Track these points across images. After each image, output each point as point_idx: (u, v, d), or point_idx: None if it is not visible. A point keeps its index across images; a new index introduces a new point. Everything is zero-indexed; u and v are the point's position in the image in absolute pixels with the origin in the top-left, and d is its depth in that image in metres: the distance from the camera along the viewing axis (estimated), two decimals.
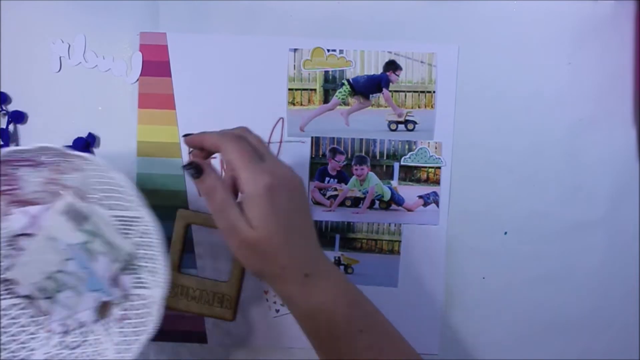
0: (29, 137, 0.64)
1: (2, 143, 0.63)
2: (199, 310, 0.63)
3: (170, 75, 0.63)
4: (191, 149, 0.57)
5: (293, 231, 0.49)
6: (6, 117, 0.63)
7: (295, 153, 0.63)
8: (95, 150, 0.64)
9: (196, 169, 0.49)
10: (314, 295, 0.49)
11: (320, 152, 0.64)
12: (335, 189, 0.64)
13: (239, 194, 0.49)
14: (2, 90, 0.63)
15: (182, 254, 0.63)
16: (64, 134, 0.63)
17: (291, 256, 0.49)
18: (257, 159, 0.48)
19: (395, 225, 0.64)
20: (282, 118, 0.63)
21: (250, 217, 0.47)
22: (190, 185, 0.64)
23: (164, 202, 0.63)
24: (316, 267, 0.50)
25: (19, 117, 0.63)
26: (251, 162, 0.48)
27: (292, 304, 0.50)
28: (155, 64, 0.63)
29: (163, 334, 0.64)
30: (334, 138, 0.63)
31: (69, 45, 0.63)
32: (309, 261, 0.50)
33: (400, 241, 0.64)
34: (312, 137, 0.64)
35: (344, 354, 0.49)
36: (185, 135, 0.52)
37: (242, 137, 0.50)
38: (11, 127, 0.64)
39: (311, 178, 0.64)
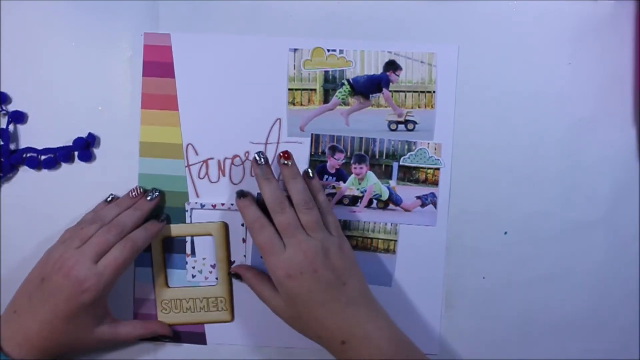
0: (29, 137, 0.64)
1: (2, 143, 0.63)
2: (196, 319, 0.64)
3: (173, 76, 0.63)
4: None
5: (322, 305, 0.54)
6: (6, 117, 0.63)
7: (294, 151, 0.63)
8: (95, 150, 0.64)
9: (236, 276, 0.62)
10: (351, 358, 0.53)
11: (320, 150, 0.64)
12: (334, 187, 0.64)
13: None
14: (2, 90, 0.63)
15: (165, 269, 0.64)
16: (64, 134, 0.63)
17: (321, 328, 0.54)
18: (278, 250, 0.55)
19: (391, 225, 0.64)
20: (280, 119, 0.63)
21: (284, 300, 0.55)
22: (192, 184, 0.64)
23: (165, 203, 0.63)
24: (354, 333, 0.53)
25: (19, 117, 0.63)
26: (272, 254, 0.55)
27: None
28: (159, 64, 0.63)
29: (162, 335, 0.64)
30: (333, 136, 0.64)
31: (69, 45, 0.63)
32: (342, 329, 0.53)
33: (396, 240, 0.64)
34: (312, 135, 0.64)
35: None
36: (239, 193, 0.61)
37: (266, 225, 0.57)
38: (11, 127, 0.64)
39: None
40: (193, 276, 0.64)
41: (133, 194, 0.62)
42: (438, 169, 0.63)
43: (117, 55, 0.64)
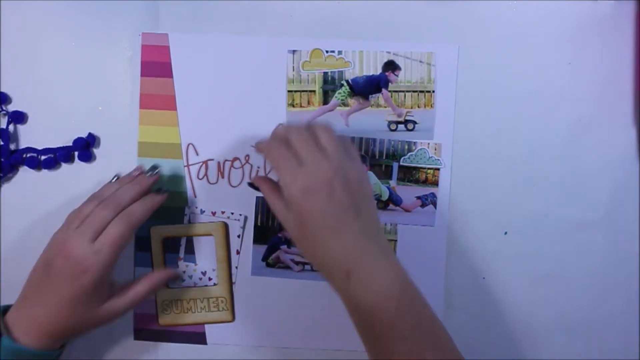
0: (29, 137, 0.64)
1: (2, 143, 0.63)
2: (197, 319, 0.64)
3: (171, 76, 0.63)
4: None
5: (331, 229, 0.50)
6: (6, 117, 0.63)
7: None
8: (95, 150, 0.64)
9: (252, 186, 0.62)
10: (356, 293, 0.50)
11: None
12: None
13: None
14: (2, 90, 0.64)
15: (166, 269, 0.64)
16: (64, 134, 0.63)
17: (327, 255, 0.50)
18: (295, 165, 0.51)
19: (391, 225, 0.64)
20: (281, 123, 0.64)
21: (294, 216, 0.51)
22: (197, 187, 0.64)
23: (165, 203, 0.63)
24: (360, 264, 0.50)
25: (19, 117, 0.63)
26: (287, 169, 0.51)
27: (340, 296, 0.52)
28: (157, 64, 0.63)
29: (163, 335, 0.64)
30: None
31: (69, 45, 0.63)
32: (351, 258, 0.50)
33: (395, 240, 0.64)
34: None
35: (384, 354, 0.50)
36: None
37: (284, 143, 0.53)
38: (11, 127, 0.64)
39: None
40: (182, 280, 0.64)
41: (135, 172, 0.61)
42: (438, 169, 0.63)
43: (117, 55, 0.64)
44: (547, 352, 0.64)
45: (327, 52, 0.63)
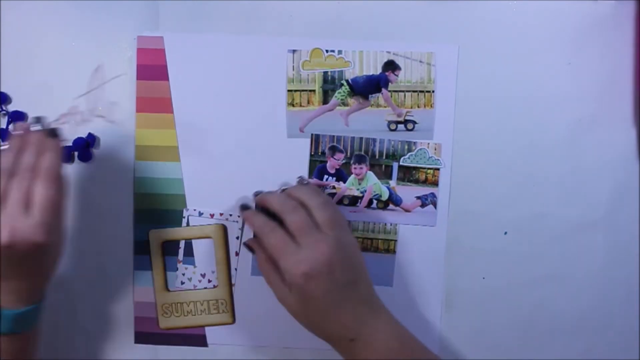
0: None
1: (2, 143, 0.63)
2: (197, 322, 0.64)
3: (167, 79, 0.63)
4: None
5: (331, 304, 0.53)
6: (6, 117, 0.63)
7: (295, 151, 0.63)
8: (95, 151, 0.64)
9: (248, 248, 0.60)
10: (360, 355, 0.53)
11: (320, 150, 0.64)
12: (334, 187, 0.64)
13: None
14: (2, 90, 0.63)
15: (165, 273, 0.64)
16: (63, 134, 0.63)
17: (333, 327, 0.53)
18: (293, 250, 0.53)
19: (391, 225, 0.64)
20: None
21: (294, 295, 0.53)
22: (190, 187, 0.64)
23: (162, 206, 0.64)
24: (362, 331, 0.53)
25: (18, 118, 0.63)
26: (287, 255, 0.53)
27: (342, 357, 0.54)
28: (152, 67, 0.63)
29: (163, 339, 0.64)
30: (333, 136, 0.63)
31: (69, 45, 0.63)
32: (352, 327, 0.53)
33: (395, 240, 0.64)
34: (311, 135, 0.64)
35: None
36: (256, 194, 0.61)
37: (276, 227, 0.55)
38: (11, 127, 0.64)
39: (310, 175, 0.64)
40: (182, 282, 0.64)
41: (17, 131, 0.55)
42: (438, 169, 0.63)
43: (116, 56, 0.64)
44: (547, 352, 0.64)
45: (327, 51, 0.63)
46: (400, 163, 0.64)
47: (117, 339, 0.65)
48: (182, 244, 0.64)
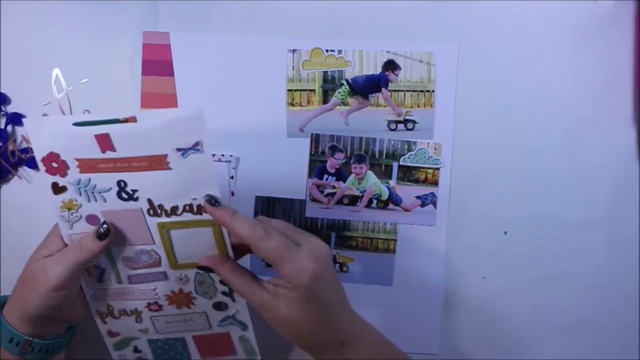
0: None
1: (1, 144, 0.63)
2: None
3: (172, 75, 0.64)
4: None
5: (330, 306, 0.51)
6: (5, 118, 0.63)
7: (295, 150, 0.64)
8: None
9: (207, 270, 0.53)
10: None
11: (320, 150, 0.64)
12: (334, 187, 0.64)
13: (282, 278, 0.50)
14: (1, 90, 0.64)
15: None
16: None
17: (327, 330, 0.51)
18: (295, 248, 0.49)
19: (390, 224, 0.64)
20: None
21: (290, 300, 0.49)
22: None
23: None
24: (352, 335, 0.52)
25: (17, 119, 0.63)
26: (292, 255, 0.49)
27: None
28: (158, 63, 0.63)
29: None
30: (333, 136, 0.64)
31: (69, 45, 0.64)
32: (345, 330, 0.52)
33: (395, 240, 0.64)
34: (311, 134, 0.64)
35: None
36: (209, 197, 0.51)
37: (271, 231, 0.50)
38: (9, 127, 0.64)
39: (310, 175, 0.64)
40: None
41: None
42: (438, 168, 0.63)
43: (117, 55, 0.64)
44: (546, 352, 0.64)
45: (327, 51, 0.63)
46: (400, 163, 0.64)
47: None
48: None
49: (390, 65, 0.63)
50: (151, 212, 0.52)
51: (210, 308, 0.58)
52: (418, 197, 0.64)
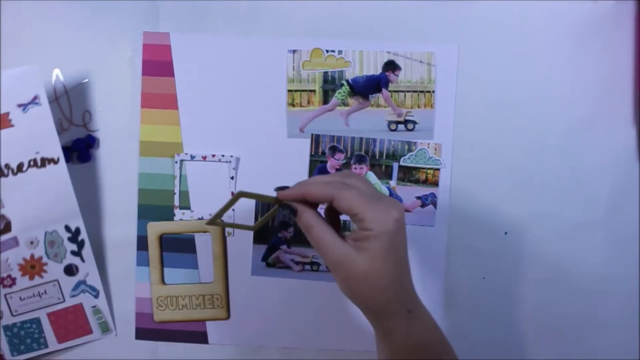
0: None
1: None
2: (192, 316, 0.64)
3: (173, 75, 0.64)
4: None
5: (403, 266, 0.49)
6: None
7: (295, 151, 0.64)
8: (95, 152, 0.64)
9: (291, 210, 0.50)
10: (415, 330, 0.50)
11: (320, 150, 0.64)
12: None
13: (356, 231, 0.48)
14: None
15: (162, 266, 0.64)
16: (63, 134, 0.63)
17: (398, 291, 0.49)
18: (377, 198, 0.48)
19: None
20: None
21: (370, 252, 0.47)
22: (192, 186, 0.64)
23: (166, 202, 0.64)
24: (416, 304, 0.51)
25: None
26: (374, 202, 0.47)
27: (392, 339, 0.50)
28: (158, 63, 0.63)
29: (164, 335, 0.64)
30: (333, 136, 0.64)
31: (69, 45, 0.64)
32: (411, 297, 0.50)
33: None
34: (312, 135, 0.64)
35: None
36: (278, 189, 0.50)
37: (349, 183, 0.49)
38: None
39: (310, 175, 0.64)
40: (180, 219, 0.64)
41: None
42: (438, 169, 0.63)
43: (117, 55, 0.64)
44: (547, 352, 0.64)
45: (327, 51, 0.63)
46: (401, 163, 0.64)
47: (118, 334, 0.65)
48: (177, 190, 0.64)
49: (391, 66, 0.63)
50: None
51: (62, 273, 0.59)
52: (418, 198, 0.64)
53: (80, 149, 0.63)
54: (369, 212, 0.47)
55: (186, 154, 0.64)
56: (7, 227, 0.56)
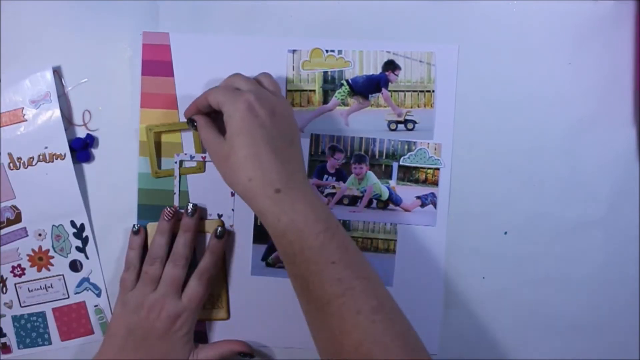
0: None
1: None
2: None
3: (172, 75, 0.64)
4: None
5: (268, 146, 0.51)
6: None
7: None
8: (94, 151, 0.64)
9: (193, 124, 0.58)
10: (285, 212, 0.50)
11: (320, 150, 0.64)
12: (334, 187, 0.64)
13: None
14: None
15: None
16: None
17: (260, 168, 0.51)
18: (238, 93, 0.53)
19: (390, 224, 0.64)
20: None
21: (228, 134, 0.53)
22: (192, 186, 0.64)
23: (165, 202, 0.63)
24: (289, 184, 0.51)
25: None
26: (232, 92, 0.53)
27: (265, 222, 0.52)
28: (158, 63, 0.63)
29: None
30: (333, 136, 0.64)
31: (69, 45, 0.64)
32: (281, 177, 0.51)
33: (395, 240, 0.64)
34: (311, 135, 0.64)
35: (312, 282, 0.50)
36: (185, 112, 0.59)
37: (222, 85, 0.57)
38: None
39: (310, 175, 0.64)
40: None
41: (167, 217, 0.61)
42: (438, 169, 0.63)
43: (117, 55, 0.64)
44: (547, 352, 0.64)
45: (327, 51, 0.63)
46: (400, 163, 0.64)
47: None
48: (177, 190, 0.64)
49: (390, 66, 0.63)
50: (11, 165, 0.58)
51: (67, 268, 0.61)
52: (418, 198, 0.64)
53: (79, 149, 0.63)
54: (226, 102, 0.53)
55: (186, 154, 0.63)
56: (18, 218, 0.59)
